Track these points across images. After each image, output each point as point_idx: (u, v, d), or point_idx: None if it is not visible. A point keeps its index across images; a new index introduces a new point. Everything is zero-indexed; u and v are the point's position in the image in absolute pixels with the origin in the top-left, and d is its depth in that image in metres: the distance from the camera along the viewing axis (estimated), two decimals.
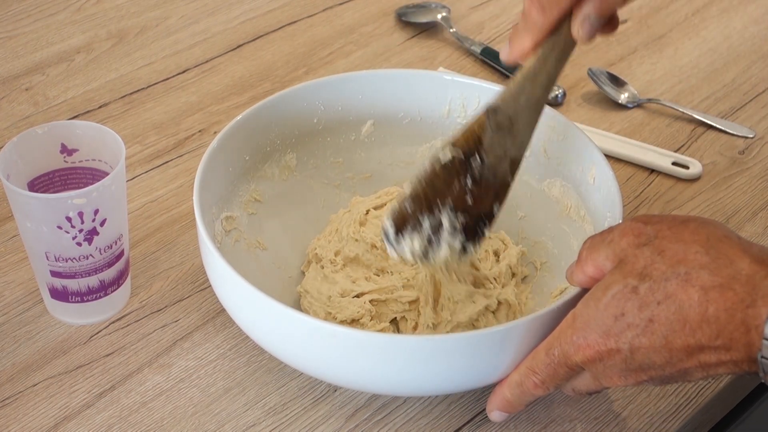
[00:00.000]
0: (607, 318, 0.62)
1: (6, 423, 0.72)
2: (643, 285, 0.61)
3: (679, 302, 0.60)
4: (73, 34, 1.10)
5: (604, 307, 0.63)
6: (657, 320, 0.61)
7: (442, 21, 1.13)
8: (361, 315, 0.74)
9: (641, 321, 0.61)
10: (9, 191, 0.73)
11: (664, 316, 0.60)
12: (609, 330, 0.62)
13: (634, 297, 0.62)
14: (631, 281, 0.62)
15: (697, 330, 0.60)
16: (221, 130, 0.79)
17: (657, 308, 0.61)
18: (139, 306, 0.81)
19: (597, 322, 0.63)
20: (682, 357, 0.61)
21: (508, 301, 0.77)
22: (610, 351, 0.62)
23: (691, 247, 0.61)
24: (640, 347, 0.61)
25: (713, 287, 0.59)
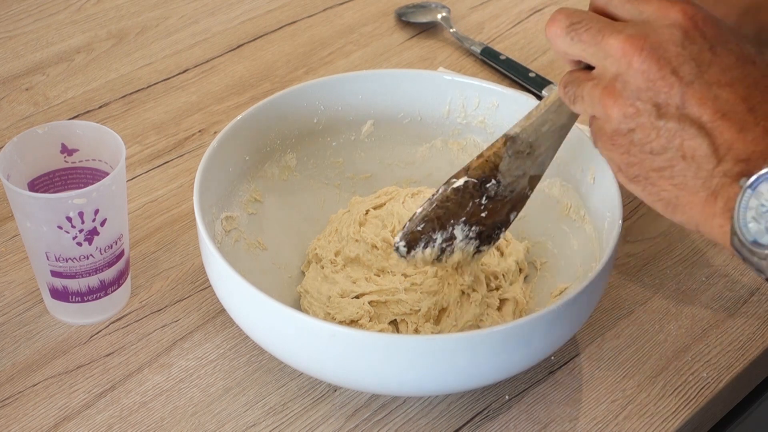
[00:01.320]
0: (726, 26, 0.59)
1: (6, 423, 0.72)
2: (750, 47, 0.59)
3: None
4: (73, 34, 1.10)
5: (729, 26, 0.59)
6: (756, 66, 0.58)
7: (442, 21, 1.13)
8: (360, 316, 0.74)
9: (746, 55, 0.58)
10: (9, 191, 0.73)
11: (764, 72, 0.58)
12: (718, 25, 0.59)
13: (757, 47, 0.59)
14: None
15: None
16: (221, 130, 0.79)
17: (765, 67, 0.58)
18: (139, 306, 0.81)
19: (714, 16, 0.59)
20: (727, 99, 0.57)
21: (515, 299, 0.77)
22: (698, 29, 0.58)
23: None
24: (721, 56, 0.58)
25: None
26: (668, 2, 0.58)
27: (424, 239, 0.71)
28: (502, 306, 0.78)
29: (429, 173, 0.87)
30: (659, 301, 0.82)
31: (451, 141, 0.87)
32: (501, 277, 0.79)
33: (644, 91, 0.57)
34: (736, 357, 0.78)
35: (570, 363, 0.77)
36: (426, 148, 0.88)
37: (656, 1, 0.59)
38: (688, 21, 0.58)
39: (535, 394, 0.75)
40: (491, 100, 0.85)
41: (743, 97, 0.56)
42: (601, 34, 0.59)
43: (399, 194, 0.82)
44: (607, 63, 0.59)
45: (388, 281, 0.76)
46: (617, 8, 0.60)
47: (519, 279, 0.80)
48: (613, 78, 0.59)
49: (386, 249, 0.78)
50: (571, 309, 0.68)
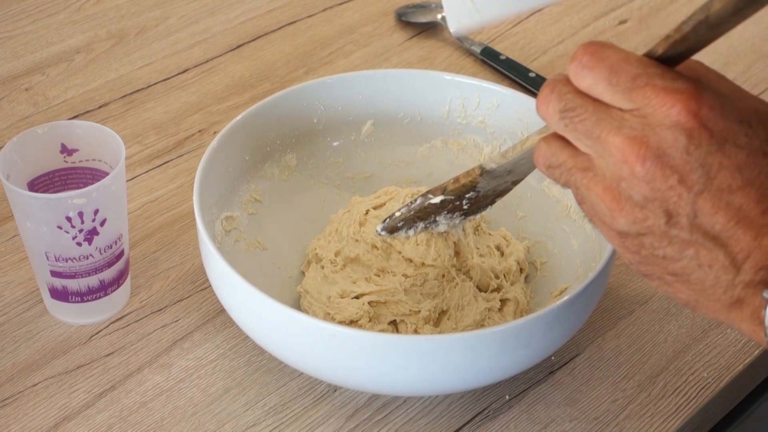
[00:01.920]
0: (735, 110, 0.53)
1: (6, 423, 0.72)
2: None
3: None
4: (73, 34, 1.10)
5: (743, 108, 0.53)
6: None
7: (442, 21, 1.13)
8: (359, 316, 0.74)
9: (758, 145, 0.53)
10: (9, 191, 0.73)
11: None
12: (727, 115, 0.53)
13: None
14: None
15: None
16: (221, 130, 0.79)
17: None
18: (139, 306, 0.81)
19: (722, 100, 0.53)
20: (740, 205, 0.52)
21: (516, 299, 0.77)
22: (704, 127, 0.52)
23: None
24: (731, 157, 0.52)
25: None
26: (667, 96, 0.52)
27: (406, 227, 0.74)
28: (503, 306, 0.78)
29: (429, 173, 0.87)
30: (659, 301, 0.82)
31: (451, 141, 0.87)
32: (502, 277, 0.79)
33: (651, 200, 0.53)
34: (736, 357, 0.78)
35: (570, 363, 0.77)
36: (426, 148, 0.88)
37: (653, 93, 0.52)
38: (693, 120, 0.52)
39: (535, 394, 0.75)
40: (491, 100, 0.85)
41: (757, 199, 0.52)
42: (598, 128, 0.54)
43: (399, 194, 0.82)
44: (608, 161, 0.54)
45: (388, 281, 0.76)
46: (603, 96, 0.54)
47: (520, 279, 0.80)
48: (616, 179, 0.54)
49: (386, 249, 0.78)
50: (571, 309, 0.68)
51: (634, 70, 0.53)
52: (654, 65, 0.53)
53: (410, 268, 0.77)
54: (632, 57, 0.53)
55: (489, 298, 0.77)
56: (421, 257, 0.77)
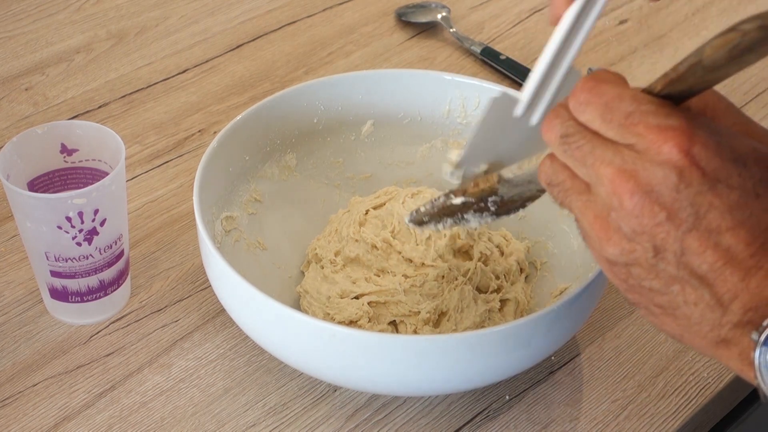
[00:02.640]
0: (729, 149, 0.52)
1: (6, 423, 0.72)
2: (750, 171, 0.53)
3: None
4: (73, 34, 1.10)
5: (738, 145, 0.53)
6: (761, 200, 0.52)
7: (442, 21, 1.13)
8: (359, 317, 0.74)
9: (751, 187, 0.52)
10: (9, 191, 0.73)
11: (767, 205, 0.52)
12: (720, 153, 0.52)
13: (764, 167, 0.53)
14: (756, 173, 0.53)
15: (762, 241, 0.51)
16: (221, 130, 0.79)
17: (755, 200, 0.52)
18: (139, 306, 0.81)
19: (716, 137, 0.52)
20: (729, 246, 0.52)
21: (517, 299, 0.77)
22: (696, 166, 0.52)
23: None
24: (722, 197, 0.52)
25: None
26: (659, 133, 0.52)
27: (434, 222, 0.71)
28: (503, 306, 0.78)
29: (429, 173, 0.87)
30: None
31: (451, 141, 0.87)
32: (502, 277, 0.79)
33: (639, 234, 0.53)
34: None
35: (570, 363, 0.77)
36: (426, 148, 0.88)
37: (645, 131, 0.52)
38: (684, 158, 0.51)
39: (535, 394, 0.75)
40: None
41: (747, 240, 0.51)
42: (592, 157, 0.54)
43: (399, 194, 0.82)
44: (599, 190, 0.54)
45: (388, 281, 0.76)
46: (600, 131, 0.54)
47: (520, 279, 0.80)
48: (607, 209, 0.54)
49: (386, 249, 0.78)
50: (571, 309, 0.68)
51: (628, 107, 0.53)
52: (648, 101, 0.53)
53: (410, 268, 0.77)
54: (627, 94, 0.54)
55: (489, 299, 0.77)
56: (420, 257, 0.77)
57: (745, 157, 0.52)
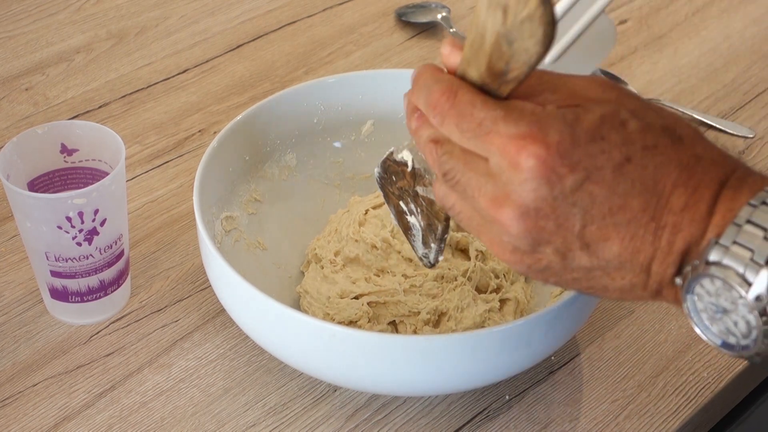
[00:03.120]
0: (581, 130, 0.51)
1: (6, 423, 0.72)
2: (634, 122, 0.52)
3: (666, 157, 0.52)
4: (73, 34, 1.10)
5: (585, 121, 0.52)
6: (633, 163, 0.51)
7: (442, 21, 1.13)
8: (359, 317, 0.74)
9: (618, 156, 0.51)
10: (9, 191, 0.73)
11: (642, 163, 0.51)
12: (577, 142, 0.51)
13: (622, 129, 0.52)
14: (624, 113, 0.52)
15: (670, 195, 0.52)
16: (221, 130, 0.79)
17: (639, 152, 0.52)
18: (139, 306, 0.81)
19: (567, 127, 0.51)
20: (628, 220, 0.52)
21: (517, 298, 0.77)
22: (560, 165, 0.51)
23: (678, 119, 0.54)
24: (599, 182, 0.51)
25: (703, 158, 0.52)
26: (512, 144, 0.51)
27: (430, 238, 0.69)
28: (503, 306, 0.78)
29: None
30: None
31: None
32: (502, 277, 0.79)
33: (538, 245, 0.53)
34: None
35: (570, 363, 0.77)
36: None
37: (498, 142, 0.52)
38: (545, 165, 0.51)
39: (535, 394, 0.75)
40: None
41: (641, 208, 0.52)
42: (469, 189, 0.55)
43: None
44: (485, 222, 0.55)
45: (388, 281, 0.76)
46: (462, 144, 0.55)
47: (520, 278, 0.80)
48: (497, 234, 0.54)
49: (386, 249, 0.78)
50: (571, 309, 0.68)
51: (479, 113, 0.53)
52: (497, 106, 0.53)
53: (410, 268, 0.77)
54: (478, 99, 0.53)
55: (488, 299, 0.77)
56: None
57: (598, 127, 0.52)
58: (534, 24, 0.49)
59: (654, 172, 0.52)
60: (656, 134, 0.52)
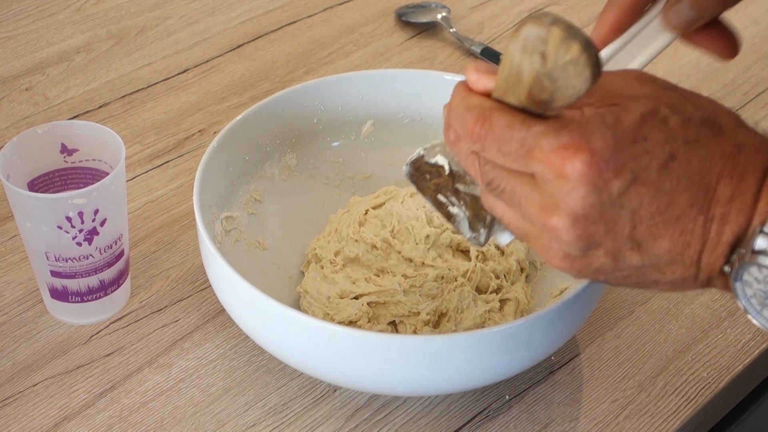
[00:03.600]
0: (623, 132, 0.52)
1: (6, 423, 0.72)
2: (675, 117, 0.53)
3: (709, 150, 0.52)
4: (73, 34, 1.10)
5: (626, 122, 0.52)
6: (678, 159, 0.52)
7: (442, 21, 1.13)
8: (358, 317, 0.74)
9: (662, 154, 0.52)
10: (9, 191, 0.73)
11: (686, 158, 0.52)
12: (620, 145, 0.51)
13: (663, 126, 0.52)
14: (663, 109, 0.53)
15: (716, 186, 0.52)
16: (221, 130, 0.79)
17: (682, 147, 0.52)
18: (139, 306, 0.81)
19: (608, 130, 0.52)
20: (677, 216, 0.52)
21: (517, 298, 0.77)
22: (606, 171, 0.51)
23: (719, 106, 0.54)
24: (645, 183, 0.52)
25: (745, 147, 0.52)
26: (557, 156, 0.52)
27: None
28: (503, 306, 0.78)
29: None
30: (659, 301, 0.82)
31: None
32: (502, 277, 0.79)
33: (588, 250, 0.54)
34: (736, 357, 0.78)
35: (570, 363, 0.77)
36: None
37: (542, 156, 0.52)
38: (591, 171, 0.51)
39: (535, 394, 0.75)
40: None
41: (689, 203, 0.52)
42: (516, 198, 0.55)
43: (398, 194, 0.82)
44: (535, 227, 0.55)
45: (388, 282, 0.76)
46: (506, 166, 0.55)
47: (521, 278, 0.80)
48: (547, 240, 0.55)
49: (386, 249, 0.78)
50: (571, 309, 0.68)
51: (519, 134, 0.53)
52: (535, 122, 0.53)
53: (410, 268, 0.77)
54: (516, 119, 0.53)
55: (488, 299, 0.77)
56: (420, 257, 0.77)
57: (639, 127, 0.52)
58: (579, 66, 0.49)
59: (699, 166, 0.52)
60: (697, 127, 0.53)
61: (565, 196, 0.52)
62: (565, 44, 0.49)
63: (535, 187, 0.54)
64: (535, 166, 0.53)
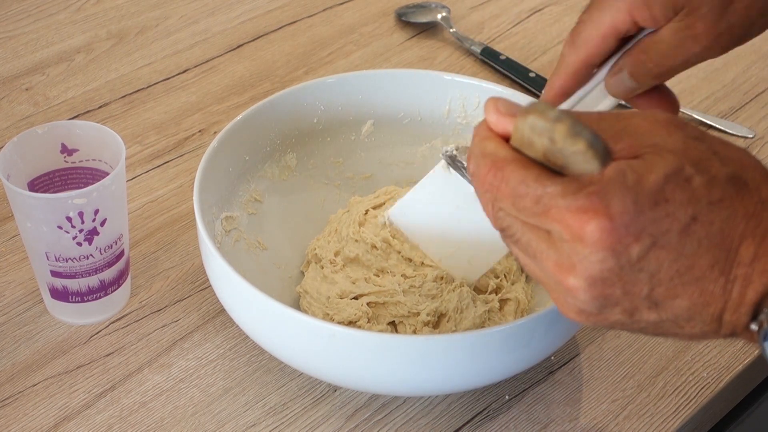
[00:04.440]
0: (644, 195, 0.49)
1: (6, 423, 0.72)
2: (699, 177, 0.50)
3: (732, 210, 0.50)
4: (73, 34, 1.10)
5: (648, 183, 0.50)
6: (700, 221, 0.50)
7: (442, 21, 1.13)
8: (358, 317, 0.74)
9: (684, 216, 0.50)
10: (9, 191, 0.73)
11: (708, 219, 0.50)
12: (641, 209, 0.49)
13: (687, 187, 0.50)
14: (688, 169, 0.50)
15: (738, 247, 0.50)
16: (221, 130, 0.79)
17: (705, 209, 0.50)
18: (139, 306, 0.81)
19: (629, 193, 0.49)
20: (697, 278, 0.51)
21: (517, 298, 0.77)
22: (625, 236, 0.50)
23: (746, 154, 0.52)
24: (665, 246, 0.50)
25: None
26: (574, 218, 0.50)
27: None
28: (503, 306, 0.78)
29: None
30: None
31: (451, 141, 0.87)
32: (503, 277, 0.79)
33: (605, 308, 0.52)
34: (736, 357, 0.78)
35: (570, 363, 0.77)
36: (426, 148, 0.88)
37: (559, 216, 0.50)
38: (610, 236, 0.50)
39: (535, 394, 0.75)
40: None
41: (710, 265, 0.50)
42: (531, 249, 0.53)
43: (398, 194, 0.82)
44: (550, 282, 0.53)
45: (388, 282, 0.76)
46: (517, 217, 0.53)
47: (521, 278, 0.80)
48: (562, 294, 0.53)
49: (386, 249, 0.78)
50: None
51: (534, 192, 0.51)
52: (551, 181, 0.51)
53: (409, 268, 0.77)
54: (530, 176, 0.51)
55: (488, 299, 0.77)
56: (420, 257, 0.77)
57: (661, 189, 0.50)
58: (587, 157, 0.49)
59: (721, 227, 0.50)
60: (722, 187, 0.51)
61: (582, 259, 0.51)
62: (570, 139, 0.48)
63: (552, 244, 0.52)
64: (551, 225, 0.51)
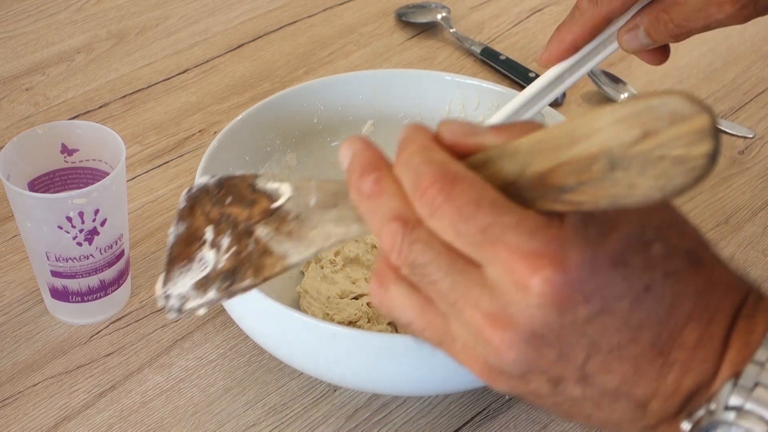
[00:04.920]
0: (604, 253, 0.44)
1: (6, 423, 0.72)
2: (658, 245, 0.45)
3: (684, 285, 0.46)
4: (73, 34, 1.10)
5: (610, 241, 0.44)
6: (652, 291, 0.45)
7: (442, 21, 1.13)
8: (358, 317, 0.74)
9: (639, 284, 0.45)
10: (9, 191, 0.73)
11: (661, 292, 0.45)
12: (598, 268, 0.44)
13: (645, 253, 0.45)
14: (649, 232, 0.45)
15: (682, 329, 0.46)
16: (221, 130, 0.79)
17: (659, 279, 0.45)
18: (139, 306, 0.81)
19: (589, 248, 0.44)
20: (635, 355, 0.46)
21: None
22: (576, 293, 0.44)
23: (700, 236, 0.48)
24: (614, 313, 0.45)
25: (719, 284, 0.47)
26: (523, 263, 0.43)
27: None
28: None
29: None
30: None
31: None
32: None
33: (529, 374, 0.46)
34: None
35: None
36: None
37: (506, 255, 0.43)
38: (560, 292, 0.43)
39: None
40: (491, 100, 0.85)
41: (651, 342, 0.45)
42: (453, 294, 0.45)
43: None
44: (467, 332, 0.46)
45: None
46: (453, 244, 0.45)
47: None
48: (481, 351, 0.46)
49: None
50: None
51: (485, 218, 0.43)
52: (509, 211, 0.44)
53: None
54: (486, 198, 0.44)
55: None
56: None
57: (622, 250, 0.45)
58: (679, 169, 0.39)
59: (670, 302, 0.46)
60: (678, 260, 0.46)
61: (521, 310, 0.44)
62: (699, 137, 0.38)
63: (485, 290, 0.44)
64: (490, 262, 0.44)
